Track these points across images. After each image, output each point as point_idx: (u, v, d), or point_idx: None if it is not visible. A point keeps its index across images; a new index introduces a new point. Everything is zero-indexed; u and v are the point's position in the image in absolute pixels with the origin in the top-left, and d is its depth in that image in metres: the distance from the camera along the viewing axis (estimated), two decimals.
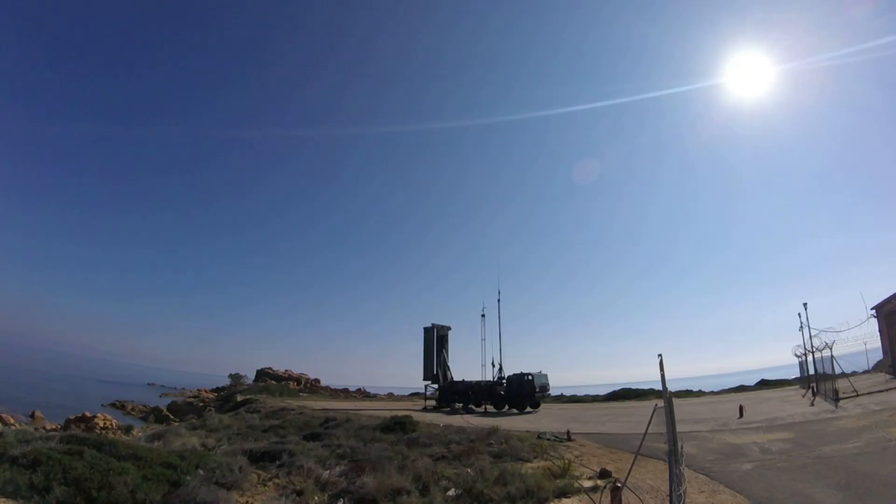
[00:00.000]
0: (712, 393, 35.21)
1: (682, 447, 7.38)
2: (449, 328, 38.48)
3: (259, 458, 11.80)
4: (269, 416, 26.05)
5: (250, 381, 59.11)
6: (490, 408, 32.23)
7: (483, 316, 37.65)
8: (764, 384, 37.21)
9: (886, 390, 20.95)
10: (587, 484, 10.26)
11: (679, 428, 7.50)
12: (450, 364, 37.28)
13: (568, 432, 17.10)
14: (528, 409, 30.66)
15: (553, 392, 37.41)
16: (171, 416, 40.26)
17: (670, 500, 7.00)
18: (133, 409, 46.69)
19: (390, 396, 55.73)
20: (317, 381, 63.24)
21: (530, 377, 31.12)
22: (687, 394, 34.76)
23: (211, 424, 21.02)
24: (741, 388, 36.71)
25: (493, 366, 35.60)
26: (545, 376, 32.20)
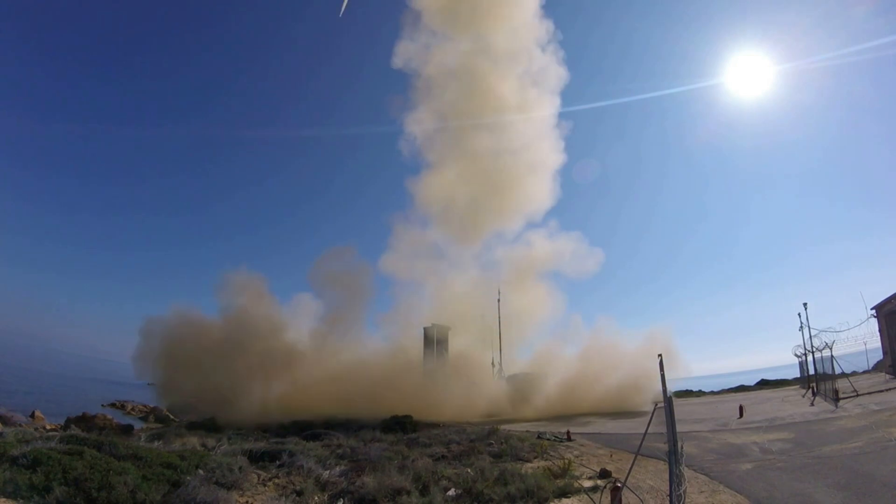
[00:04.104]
0: (712, 393, 35.19)
1: (682, 447, 7.38)
2: (449, 328, 38.45)
3: (259, 458, 11.80)
4: None
5: None
6: None
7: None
8: (764, 384, 37.14)
9: (886, 390, 20.93)
10: (587, 484, 10.26)
11: (679, 428, 7.50)
12: None
13: (568, 432, 17.11)
14: None
15: None
16: (172, 416, 40.20)
17: (670, 500, 7.00)
18: (133, 409, 46.62)
19: None
20: None
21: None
22: (687, 394, 34.73)
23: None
24: (741, 388, 36.66)
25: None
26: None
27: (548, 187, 37.25)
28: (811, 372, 26.77)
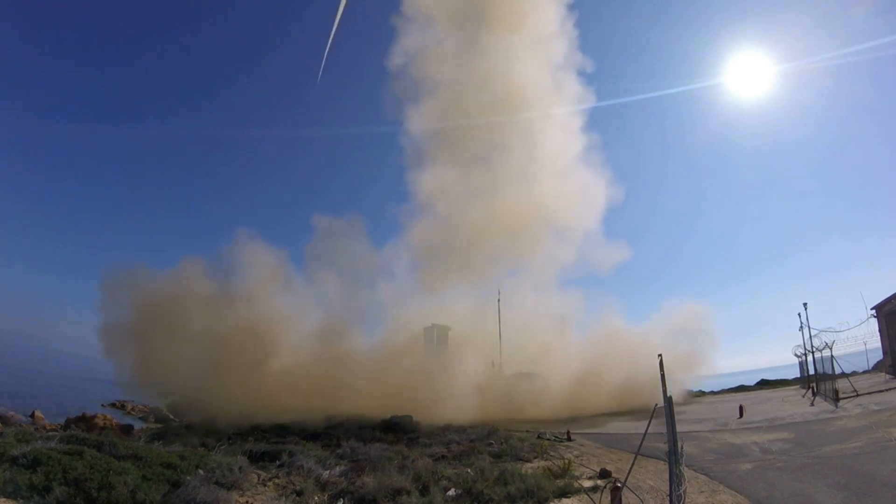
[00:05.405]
0: (712, 393, 35.19)
1: (682, 447, 7.38)
2: (449, 328, 38.44)
3: (259, 458, 11.81)
4: None
5: None
6: None
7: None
8: (764, 384, 37.13)
9: (886, 390, 20.92)
10: (587, 484, 10.27)
11: (679, 428, 7.50)
12: None
13: (568, 432, 17.12)
14: None
15: None
16: (172, 416, 40.17)
17: (670, 500, 7.01)
18: (133, 409, 46.61)
19: None
20: None
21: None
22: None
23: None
24: (741, 388, 36.64)
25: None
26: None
27: (555, 189, 36.65)
28: (811, 372, 26.77)
